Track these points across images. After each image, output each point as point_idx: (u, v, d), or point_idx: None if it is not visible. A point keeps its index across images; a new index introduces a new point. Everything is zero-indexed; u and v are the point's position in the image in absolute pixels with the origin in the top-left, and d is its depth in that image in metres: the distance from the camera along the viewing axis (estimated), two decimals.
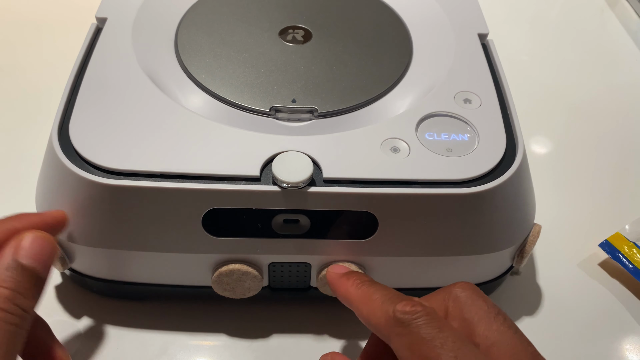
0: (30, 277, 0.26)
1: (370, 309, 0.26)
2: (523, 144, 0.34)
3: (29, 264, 0.26)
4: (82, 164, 0.31)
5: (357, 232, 0.31)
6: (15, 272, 0.26)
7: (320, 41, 0.40)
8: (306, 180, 0.30)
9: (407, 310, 0.24)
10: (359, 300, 0.27)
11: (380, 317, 0.25)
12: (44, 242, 0.27)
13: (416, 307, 0.24)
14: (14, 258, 0.26)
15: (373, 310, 0.26)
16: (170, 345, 0.35)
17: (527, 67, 0.57)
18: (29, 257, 0.27)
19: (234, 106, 0.36)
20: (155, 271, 0.33)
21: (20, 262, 0.26)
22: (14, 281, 0.26)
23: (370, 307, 0.26)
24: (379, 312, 0.25)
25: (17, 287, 0.26)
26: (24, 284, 0.26)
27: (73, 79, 0.35)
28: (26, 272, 0.26)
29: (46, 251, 0.27)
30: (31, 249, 0.27)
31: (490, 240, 0.33)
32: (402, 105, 0.36)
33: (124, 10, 0.40)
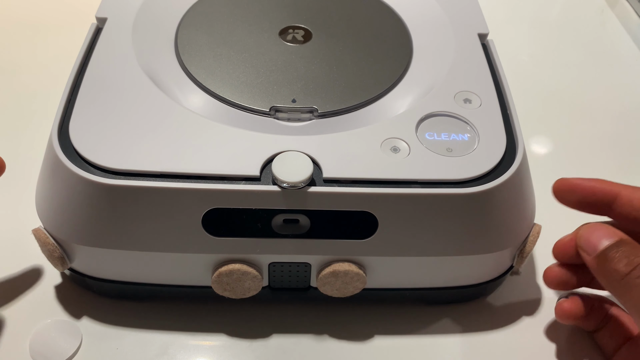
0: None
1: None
2: (523, 144, 0.34)
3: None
4: (82, 164, 0.31)
5: (357, 232, 0.31)
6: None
7: (320, 41, 0.40)
8: (306, 180, 0.30)
9: None
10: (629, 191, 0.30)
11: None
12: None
13: None
14: None
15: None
16: (170, 345, 0.35)
17: (527, 67, 0.57)
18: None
19: (234, 106, 0.36)
20: (155, 271, 0.33)
21: None
22: None
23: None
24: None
25: None
26: None
27: (73, 79, 0.35)
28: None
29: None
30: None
31: (490, 240, 0.33)
32: (402, 105, 0.36)
33: (124, 10, 0.40)
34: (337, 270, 0.32)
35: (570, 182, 0.32)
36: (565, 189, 0.32)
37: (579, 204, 0.32)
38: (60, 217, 0.32)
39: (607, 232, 0.30)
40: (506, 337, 0.36)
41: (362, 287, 0.33)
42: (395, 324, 0.36)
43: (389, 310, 0.37)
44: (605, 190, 0.31)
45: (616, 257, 0.28)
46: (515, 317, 0.37)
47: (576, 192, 0.32)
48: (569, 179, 0.32)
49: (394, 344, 0.36)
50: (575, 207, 0.32)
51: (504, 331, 0.36)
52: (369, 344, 0.35)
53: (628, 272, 0.28)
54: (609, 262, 0.29)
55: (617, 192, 0.30)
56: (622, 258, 0.28)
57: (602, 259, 0.29)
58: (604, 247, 0.29)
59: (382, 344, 0.35)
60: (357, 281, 0.33)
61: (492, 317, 0.37)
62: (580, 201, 0.32)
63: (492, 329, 0.36)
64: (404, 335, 0.36)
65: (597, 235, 0.30)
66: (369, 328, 0.36)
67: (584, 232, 0.31)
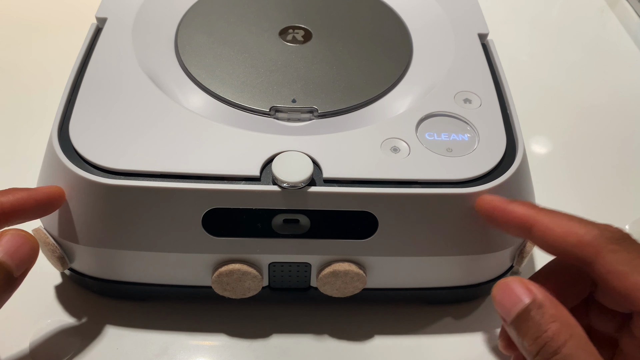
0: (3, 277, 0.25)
1: (568, 228, 0.25)
2: (523, 144, 0.34)
3: (1, 258, 0.25)
4: (82, 164, 0.31)
5: (357, 232, 0.31)
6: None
7: (320, 41, 0.40)
8: (306, 180, 0.30)
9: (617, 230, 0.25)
10: (547, 221, 0.26)
11: (583, 235, 0.25)
12: (22, 239, 0.26)
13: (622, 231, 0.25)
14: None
15: (571, 229, 0.25)
16: (170, 345, 0.35)
17: (527, 67, 0.57)
18: (3, 251, 0.25)
19: (234, 106, 0.36)
20: (155, 271, 0.33)
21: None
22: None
23: (566, 226, 0.25)
24: (580, 230, 0.25)
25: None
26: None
27: (73, 79, 0.35)
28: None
29: (23, 250, 0.26)
30: (7, 245, 0.25)
31: (490, 240, 0.32)
32: (402, 105, 0.36)
33: (124, 10, 0.40)
34: (337, 270, 0.32)
35: (488, 204, 0.29)
36: (483, 210, 0.29)
37: (501, 227, 0.29)
38: (60, 217, 0.32)
39: (517, 293, 0.26)
40: None
41: (362, 287, 0.33)
42: (395, 324, 0.36)
43: (389, 310, 0.37)
44: (522, 219, 0.27)
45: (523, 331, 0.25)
46: None
47: (493, 216, 0.29)
48: (488, 199, 0.29)
49: (394, 344, 0.36)
50: (500, 228, 0.29)
51: None
52: (369, 344, 0.35)
53: (536, 352, 0.24)
54: (520, 334, 0.25)
55: (533, 222, 0.27)
56: (529, 333, 0.25)
57: (516, 329, 0.26)
58: (514, 315, 0.25)
59: (382, 344, 0.35)
60: (357, 281, 0.33)
61: (492, 317, 0.37)
62: (500, 225, 0.29)
63: (492, 329, 0.36)
64: (404, 335, 0.36)
65: (508, 299, 0.26)
66: (369, 328, 0.36)
67: (495, 293, 0.27)
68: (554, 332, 0.24)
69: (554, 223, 0.26)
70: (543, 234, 0.26)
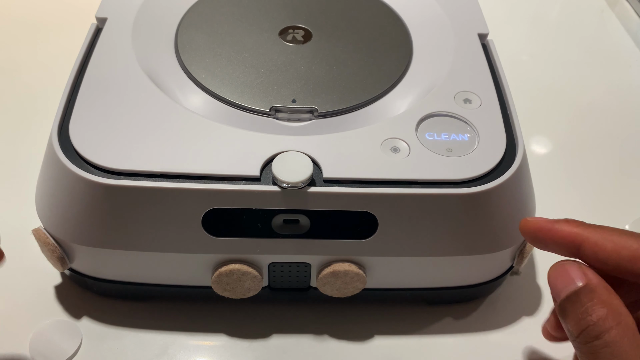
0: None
1: (619, 242, 0.25)
2: (523, 144, 0.34)
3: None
4: (82, 164, 0.31)
5: (357, 232, 0.31)
6: None
7: (320, 41, 0.40)
8: (306, 180, 0.30)
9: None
10: (596, 238, 0.25)
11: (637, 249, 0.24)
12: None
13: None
14: None
15: (623, 243, 0.25)
16: (170, 345, 0.35)
17: (527, 67, 0.57)
18: None
19: (234, 106, 0.36)
20: (155, 271, 0.33)
21: None
22: None
23: (618, 241, 0.25)
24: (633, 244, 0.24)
25: None
26: None
27: (73, 79, 0.35)
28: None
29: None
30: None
31: (490, 240, 0.32)
32: (402, 105, 0.36)
33: (124, 10, 0.40)
34: (337, 271, 0.32)
35: (533, 225, 0.28)
36: (528, 232, 0.28)
37: (548, 248, 0.28)
38: (60, 217, 0.32)
39: (572, 275, 0.26)
40: (506, 337, 0.36)
41: (362, 287, 0.33)
42: (395, 324, 0.36)
43: (389, 310, 0.37)
44: (569, 238, 0.26)
45: (569, 312, 0.25)
46: (515, 317, 0.37)
47: (539, 237, 0.28)
48: (532, 221, 0.28)
49: (394, 344, 0.36)
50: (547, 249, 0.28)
51: (504, 331, 0.36)
52: (369, 344, 0.35)
53: (577, 334, 0.25)
54: (564, 316, 0.25)
55: (582, 240, 0.26)
56: (573, 315, 0.25)
57: (562, 310, 0.26)
58: (564, 295, 0.25)
59: (382, 344, 0.35)
60: (357, 281, 0.33)
61: (492, 317, 0.37)
62: (547, 245, 0.28)
63: (492, 329, 0.36)
64: (404, 335, 0.36)
65: (561, 279, 0.26)
66: (369, 328, 0.36)
67: (551, 273, 0.27)
68: (599, 317, 0.24)
69: (604, 239, 0.25)
70: (594, 251, 0.25)
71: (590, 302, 0.24)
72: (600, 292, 0.25)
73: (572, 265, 0.26)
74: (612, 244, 0.25)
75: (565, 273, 0.26)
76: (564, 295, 0.25)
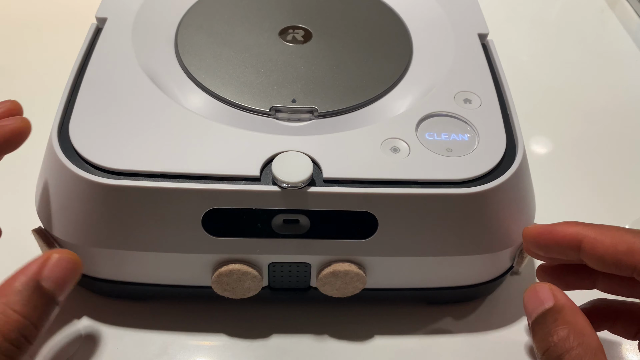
0: (46, 304, 0.23)
1: (617, 237, 0.25)
2: (523, 144, 0.34)
3: (50, 287, 0.23)
4: (82, 164, 0.31)
5: (357, 232, 0.31)
6: (32, 295, 0.22)
7: (320, 41, 0.40)
8: (306, 180, 0.30)
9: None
10: (594, 234, 0.26)
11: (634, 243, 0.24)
12: (70, 264, 0.24)
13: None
14: (35, 278, 0.22)
15: (620, 237, 0.25)
16: (170, 345, 0.35)
17: (527, 67, 0.57)
18: (51, 279, 0.23)
19: (234, 106, 0.36)
20: (155, 271, 0.33)
21: (41, 284, 0.23)
22: (29, 306, 0.22)
23: (615, 236, 0.25)
24: (630, 238, 0.25)
25: (29, 314, 0.22)
26: (38, 311, 0.22)
27: (73, 79, 0.35)
28: (44, 297, 0.23)
29: (69, 275, 0.24)
30: (55, 270, 0.23)
31: (490, 240, 0.32)
32: (402, 105, 0.36)
33: (124, 10, 0.40)
34: (337, 271, 0.32)
35: (534, 231, 0.29)
36: (530, 239, 0.29)
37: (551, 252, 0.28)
38: (60, 217, 0.32)
39: (541, 298, 0.26)
40: (506, 337, 0.36)
41: (362, 287, 0.33)
42: (395, 324, 0.36)
43: (389, 310, 0.37)
44: (570, 236, 0.27)
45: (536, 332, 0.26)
46: (515, 317, 0.37)
47: (541, 242, 0.28)
48: (531, 228, 0.29)
49: (394, 344, 0.36)
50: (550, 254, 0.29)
51: (504, 331, 0.36)
52: (369, 344, 0.35)
53: (541, 354, 0.25)
54: (533, 336, 0.26)
55: (582, 237, 0.26)
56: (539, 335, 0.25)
57: (532, 331, 0.26)
58: (534, 317, 0.26)
59: (382, 344, 0.35)
60: (357, 281, 0.33)
61: (492, 317, 0.37)
62: (550, 248, 0.28)
63: (492, 329, 0.36)
64: (404, 335, 0.36)
65: (532, 302, 0.27)
66: (369, 328, 0.36)
67: (524, 296, 0.28)
68: (560, 338, 0.24)
69: (602, 234, 0.26)
70: (593, 247, 0.26)
71: (554, 323, 0.25)
72: (565, 313, 0.25)
73: (543, 287, 0.27)
74: (610, 238, 0.25)
75: (536, 295, 0.27)
76: (534, 317, 0.26)
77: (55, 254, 0.24)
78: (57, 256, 0.24)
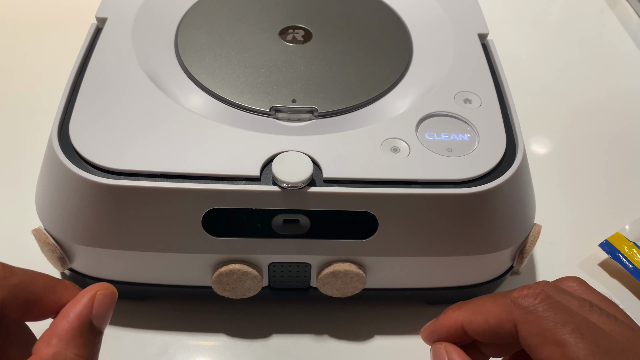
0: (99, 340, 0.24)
1: (485, 311, 0.25)
2: (523, 144, 0.34)
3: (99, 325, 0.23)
4: (82, 164, 0.31)
5: (357, 232, 0.31)
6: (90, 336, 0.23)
7: (320, 41, 0.40)
8: (306, 180, 0.30)
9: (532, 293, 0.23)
10: (469, 315, 0.26)
11: (499, 313, 0.24)
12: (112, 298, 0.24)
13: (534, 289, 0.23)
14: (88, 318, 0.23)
15: (488, 310, 0.25)
16: (170, 345, 0.35)
17: (527, 67, 0.57)
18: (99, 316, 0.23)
19: (234, 106, 0.36)
20: (155, 271, 0.33)
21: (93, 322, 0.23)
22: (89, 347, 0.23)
23: (484, 311, 0.25)
24: (495, 309, 0.24)
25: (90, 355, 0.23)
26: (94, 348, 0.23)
27: (73, 79, 0.35)
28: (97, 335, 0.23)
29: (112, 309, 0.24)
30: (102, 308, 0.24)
31: (490, 240, 0.32)
32: (402, 105, 0.36)
33: (124, 10, 0.40)
34: (337, 271, 0.32)
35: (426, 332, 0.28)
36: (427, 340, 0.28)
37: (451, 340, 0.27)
38: (60, 217, 0.32)
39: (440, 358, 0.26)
40: None
41: (362, 287, 0.33)
42: (395, 324, 0.36)
43: (389, 310, 0.37)
44: (453, 326, 0.26)
45: None
46: None
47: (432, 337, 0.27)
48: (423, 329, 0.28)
49: (394, 344, 0.36)
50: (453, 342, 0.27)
51: None
52: (369, 344, 0.35)
53: None
54: None
55: (461, 323, 0.26)
56: None
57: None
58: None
59: (382, 344, 0.35)
60: (357, 281, 0.33)
61: None
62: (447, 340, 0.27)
63: None
64: (404, 335, 0.36)
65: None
66: (369, 328, 0.36)
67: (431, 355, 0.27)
68: None
69: (475, 314, 0.25)
70: (473, 329, 0.25)
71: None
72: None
73: (439, 349, 0.26)
74: (481, 316, 0.25)
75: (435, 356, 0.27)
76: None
77: (99, 290, 0.24)
78: (102, 292, 0.24)
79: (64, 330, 0.23)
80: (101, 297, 0.24)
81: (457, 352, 0.26)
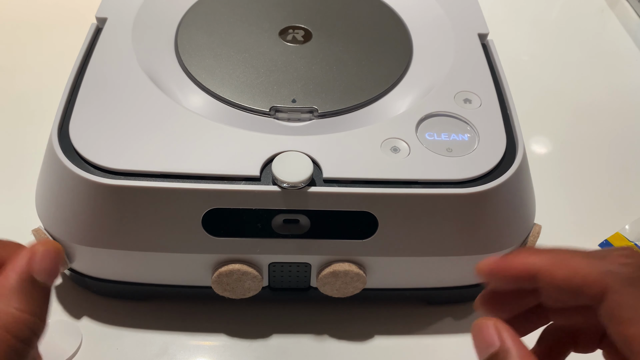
0: (45, 295, 0.24)
1: (571, 268, 0.23)
2: (523, 144, 0.34)
3: (43, 279, 0.24)
4: (82, 164, 0.31)
5: (357, 232, 0.31)
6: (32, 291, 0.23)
7: (320, 41, 0.40)
8: (306, 180, 0.30)
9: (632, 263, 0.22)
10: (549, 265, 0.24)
11: (587, 275, 0.22)
12: (55, 253, 0.25)
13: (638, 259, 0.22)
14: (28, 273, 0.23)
15: (577, 265, 0.23)
16: (170, 345, 0.35)
17: (527, 67, 0.57)
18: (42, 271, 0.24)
19: (234, 106, 0.36)
20: (155, 271, 0.33)
21: (35, 277, 0.23)
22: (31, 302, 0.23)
23: (572, 264, 0.23)
24: (584, 268, 0.23)
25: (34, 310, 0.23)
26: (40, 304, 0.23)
27: (73, 79, 0.35)
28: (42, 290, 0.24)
29: (58, 264, 0.24)
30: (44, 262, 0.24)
31: (490, 240, 0.32)
32: (402, 105, 0.36)
33: (124, 10, 0.40)
34: (337, 271, 0.32)
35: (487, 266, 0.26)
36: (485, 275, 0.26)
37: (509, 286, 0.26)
38: (60, 217, 0.32)
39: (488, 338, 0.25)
40: None
41: (362, 287, 0.33)
42: (395, 324, 0.36)
43: (389, 310, 0.37)
44: (525, 270, 0.25)
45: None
46: None
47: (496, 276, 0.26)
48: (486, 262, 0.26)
49: (394, 344, 0.36)
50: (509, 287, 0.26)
51: None
52: (369, 344, 0.35)
53: None
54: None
55: (536, 270, 0.24)
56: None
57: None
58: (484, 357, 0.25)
59: (382, 344, 0.35)
60: (357, 281, 0.33)
61: None
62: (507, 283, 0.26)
63: None
64: (404, 335, 0.36)
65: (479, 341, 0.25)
66: (369, 328, 0.36)
67: (472, 333, 0.26)
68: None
69: (557, 265, 0.24)
70: (549, 280, 0.24)
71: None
72: (513, 355, 0.24)
73: (489, 326, 0.25)
74: (564, 270, 0.24)
75: (482, 335, 0.25)
76: (484, 357, 0.25)
77: (39, 246, 0.24)
78: (42, 248, 0.24)
79: (2, 286, 0.23)
80: (42, 253, 0.24)
81: (510, 334, 0.24)
